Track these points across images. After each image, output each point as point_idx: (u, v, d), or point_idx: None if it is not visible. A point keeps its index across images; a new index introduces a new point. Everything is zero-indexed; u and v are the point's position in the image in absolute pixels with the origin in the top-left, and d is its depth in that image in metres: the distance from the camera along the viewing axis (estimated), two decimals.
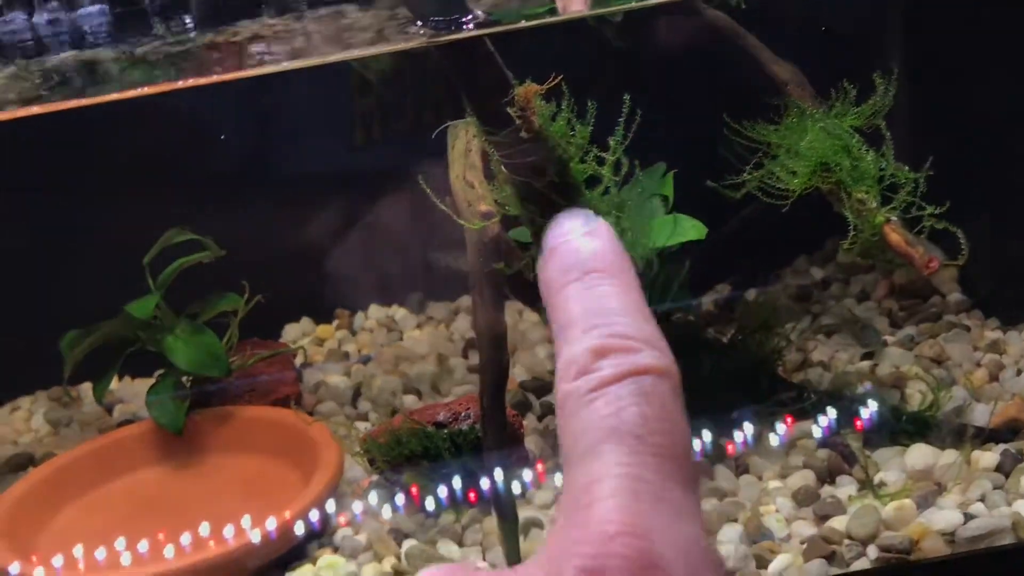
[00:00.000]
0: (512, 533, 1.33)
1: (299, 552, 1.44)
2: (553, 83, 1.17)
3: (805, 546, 1.31)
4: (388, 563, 1.39)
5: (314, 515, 1.42)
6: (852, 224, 1.23)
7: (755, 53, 1.43)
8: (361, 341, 1.97)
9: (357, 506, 1.48)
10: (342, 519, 1.46)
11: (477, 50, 1.14)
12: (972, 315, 1.72)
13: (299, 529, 1.40)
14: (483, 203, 1.32)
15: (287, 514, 1.40)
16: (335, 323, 2.01)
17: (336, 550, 1.44)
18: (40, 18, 1.40)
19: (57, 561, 1.41)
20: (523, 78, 1.17)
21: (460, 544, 1.42)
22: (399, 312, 2.03)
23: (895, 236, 1.18)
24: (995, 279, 1.74)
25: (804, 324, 1.78)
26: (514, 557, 1.32)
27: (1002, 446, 1.40)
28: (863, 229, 1.20)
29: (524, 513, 1.43)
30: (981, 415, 1.46)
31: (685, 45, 1.50)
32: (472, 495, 1.43)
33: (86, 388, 1.87)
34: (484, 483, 1.38)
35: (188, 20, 1.49)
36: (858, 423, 1.47)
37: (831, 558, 1.29)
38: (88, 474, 1.61)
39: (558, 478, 1.48)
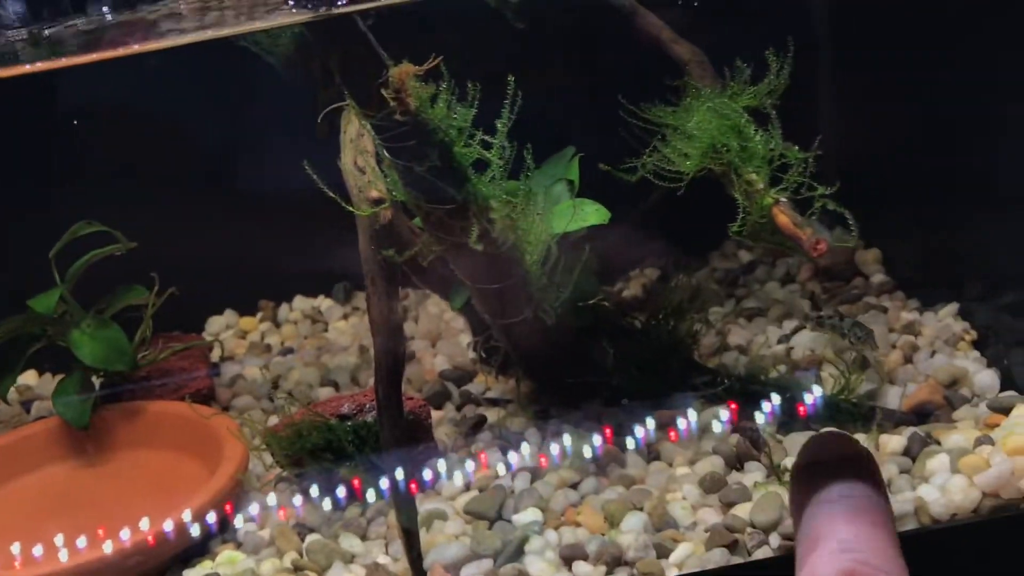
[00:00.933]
0: (412, 525, 1.30)
1: (201, 548, 1.41)
2: (432, 64, 1.14)
3: (708, 535, 1.28)
4: (289, 558, 1.36)
5: (215, 511, 1.39)
6: (741, 206, 1.20)
7: (655, 33, 1.40)
8: (285, 333, 1.93)
9: (261, 501, 1.45)
10: (246, 514, 1.43)
11: (349, 29, 1.10)
12: (894, 296, 1.70)
13: (200, 525, 1.37)
14: (374, 189, 1.28)
15: (187, 511, 1.37)
16: (259, 315, 1.98)
17: (239, 545, 1.41)
18: None
19: None
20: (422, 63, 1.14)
21: (363, 538, 1.39)
22: (325, 303, 1.99)
23: (783, 217, 1.15)
24: (918, 260, 1.72)
25: (728, 308, 1.75)
26: (414, 551, 1.29)
27: (911, 429, 1.37)
28: (751, 211, 1.17)
29: (430, 504, 1.41)
30: (894, 398, 1.44)
31: (584, 25, 1.47)
32: (376, 488, 1.40)
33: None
34: (385, 476, 1.35)
35: (105, 9, 1.46)
36: (770, 408, 1.44)
37: (733, 547, 1.26)
38: None
39: (469, 464, 1.45)
